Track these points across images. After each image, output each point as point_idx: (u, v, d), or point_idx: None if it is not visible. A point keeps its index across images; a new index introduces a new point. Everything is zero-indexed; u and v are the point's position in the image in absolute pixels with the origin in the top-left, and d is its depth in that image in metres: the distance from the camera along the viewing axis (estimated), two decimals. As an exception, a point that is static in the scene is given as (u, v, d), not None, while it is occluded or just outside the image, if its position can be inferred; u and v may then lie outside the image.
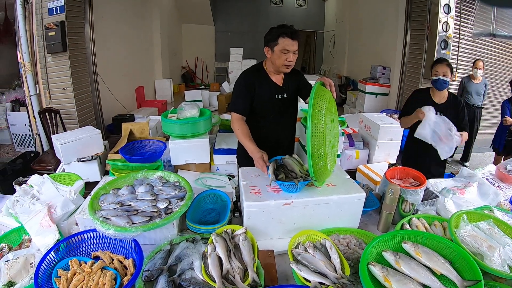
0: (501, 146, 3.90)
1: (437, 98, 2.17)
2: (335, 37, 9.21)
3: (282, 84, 1.84)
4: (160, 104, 6.24)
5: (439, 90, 2.13)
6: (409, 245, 1.07)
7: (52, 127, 3.57)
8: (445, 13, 4.19)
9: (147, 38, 6.83)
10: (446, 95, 2.17)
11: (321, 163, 1.28)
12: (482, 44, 5.05)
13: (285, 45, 1.65)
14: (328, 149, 1.31)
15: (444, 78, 2.07)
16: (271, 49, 1.70)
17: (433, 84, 2.14)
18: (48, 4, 3.48)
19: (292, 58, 1.69)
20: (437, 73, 2.09)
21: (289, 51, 1.66)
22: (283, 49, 1.65)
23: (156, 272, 1.08)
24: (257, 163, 1.48)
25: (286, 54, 1.67)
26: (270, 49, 1.71)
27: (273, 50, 1.68)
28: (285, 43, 1.65)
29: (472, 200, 1.59)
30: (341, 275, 1.00)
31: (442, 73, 2.08)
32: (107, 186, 1.41)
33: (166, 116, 2.64)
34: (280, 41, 1.65)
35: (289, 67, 1.73)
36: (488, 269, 1.01)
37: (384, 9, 5.86)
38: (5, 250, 1.19)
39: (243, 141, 1.67)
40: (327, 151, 1.29)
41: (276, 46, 1.67)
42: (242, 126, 1.72)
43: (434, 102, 2.14)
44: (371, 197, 1.58)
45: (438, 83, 2.10)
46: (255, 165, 1.50)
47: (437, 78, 2.09)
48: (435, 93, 2.17)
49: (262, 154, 1.49)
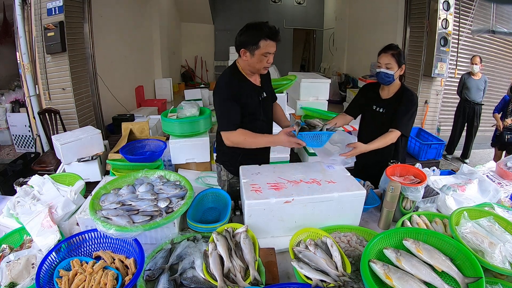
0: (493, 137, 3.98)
1: (384, 93, 1.87)
2: (334, 34, 9.20)
3: (260, 84, 1.72)
4: (160, 104, 6.23)
5: (383, 84, 1.83)
6: (410, 242, 1.07)
7: (52, 128, 3.57)
8: (444, 10, 4.18)
9: (146, 37, 6.82)
10: (395, 90, 1.84)
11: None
12: (481, 40, 5.04)
13: (267, 48, 1.50)
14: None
15: (386, 71, 1.74)
16: (250, 53, 1.52)
17: (376, 77, 1.83)
18: (47, 5, 3.47)
19: (271, 59, 1.57)
20: (379, 64, 1.76)
21: (270, 54, 1.53)
22: (265, 52, 1.51)
23: (157, 271, 1.08)
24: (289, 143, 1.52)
25: (267, 56, 1.53)
26: (249, 52, 1.52)
27: (253, 53, 1.51)
28: (267, 46, 1.50)
29: (472, 197, 1.59)
30: (342, 272, 1.01)
31: (385, 65, 1.74)
32: (107, 186, 1.41)
33: (166, 116, 2.65)
34: (262, 44, 1.49)
35: (268, 67, 1.61)
36: (489, 266, 1.01)
37: (383, 7, 5.85)
38: (6, 251, 1.19)
39: (260, 142, 1.60)
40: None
41: (257, 50, 1.50)
42: (246, 133, 1.58)
43: (380, 98, 1.88)
44: (372, 195, 1.59)
45: (379, 77, 1.79)
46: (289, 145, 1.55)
47: (378, 70, 1.77)
48: (383, 87, 1.87)
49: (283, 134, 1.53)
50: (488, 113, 4.90)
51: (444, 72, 4.35)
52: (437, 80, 4.49)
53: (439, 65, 4.28)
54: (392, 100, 1.82)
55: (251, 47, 1.50)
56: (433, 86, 4.51)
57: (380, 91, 1.89)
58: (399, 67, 1.75)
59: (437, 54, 4.25)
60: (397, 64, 1.73)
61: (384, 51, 1.76)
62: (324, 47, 10.41)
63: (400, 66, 1.75)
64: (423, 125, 4.56)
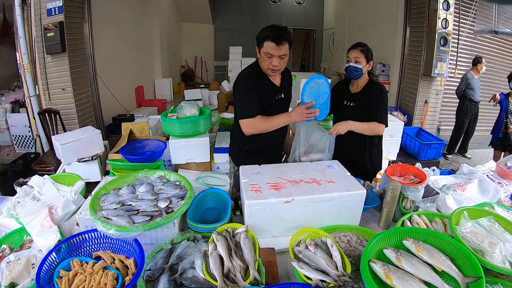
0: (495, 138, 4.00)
1: (353, 87, 1.96)
2: (334, 34, 9.20)
3: (279, 84, 1.79)
4: (159, 104, 6.23)
5: (352, 78, 1.91)
6: (410, 242, 1.07)
7: (52, 128, 3.57)
8: (444, 10, 4.18)
9: (146, 37, 6.82)
10: (363, 84, 1.92)
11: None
12: (481, 40, 5.04)
13: (268, 49, 1.56)
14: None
15: (355, 65, 1.83)
16: (259, 51, 1.63)
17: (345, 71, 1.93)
18: (47, 5, 3.47)
19: (278, 62, 1.60)
20: (349, 59, 1.86)
21: (273, 56, 1.58)
22: (267, 53, 1.57)
23: (157, 271, 1.08)
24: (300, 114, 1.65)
25: (271, 58, 1.59)
26: (259, 50, 1.64)
27: (260, 52, 1.62)
28: (269, 46, 1.56)
29: (472, 196, 1.59)
30: (342, 272, 1.01)
31: (354, 59, 1.84)
32: (107, 186, 1.41)
33: (166, 116, 2.64)
34: (265, 44, 1.57)
35: (275, 72, 1.66)
36: (489, 265, 1.01)
37: (383, 6, 5.85)
38: (6, 252, 1.19)
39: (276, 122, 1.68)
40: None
41: (262, 49, 1.59)
42: (261, 119, 1.66)
43: (349, 93, 1.97)
44: (372, 195, 1.58)
45: (348, 70, 1.88)
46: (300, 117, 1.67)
47: (348, 64, 1.87)
48: (353, 83, 1.96)
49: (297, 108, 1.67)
50: (487, 112, 4.93)
51: (444, 72, 4.35)
52: (437, 80, 4.50)
53: (439, 65, 4.29)
54: (361, 94, 1.92)
55: (260, 45, 1.61)
56: (433, 86, 4.52)
57: (350, 86, 1.99)
58: (367, 63, 1.85)
59: (437, 54, 4.25)
60: (365, 59, 1.84)
61: (354, 47, 1.87)
62: (324, 47, 10.40)
63: (368, 61, 1.85)
64: (423, 124, 4.56)
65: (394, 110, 4.70)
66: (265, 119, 1.67)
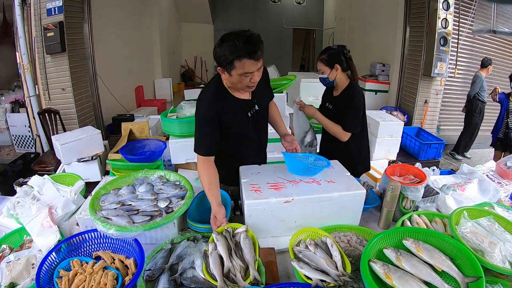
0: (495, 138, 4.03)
1: (335, 91, 1.97)
2: (334, 34, 9.18)
3: (250, 97, 1.50)
4: (159, 104, 6.23)
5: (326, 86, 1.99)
6: (410, 242, 1.07)
7: (52, 128, 3.57)
8: (444, 10, 4.18)
9: (146, 37, 6.81)
10: (343, 87, 1.91)
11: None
12: (481, 40, 5.04)
13: (246, 67, 1.25)
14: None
15: (322, 76, 1.87)
16: (228, 72, 1.29)
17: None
18: (47, 5, 3.46)
19: (258, 76, 1.32)
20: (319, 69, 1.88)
21: (251, 72, 1.28)
22: (243, 73, 1.26)
23: (157, 271, 1.08)
24: (212, 220, 1.29)
25: (249, 75, 1.29)
26: (226, 72, 1.30)
27: (230, 73, 1.28)
28: (246, 65, 1.24)
29: (472, 196, 1.59)
30: (342, 272, 1.01)
31: (319, 71, 1.87)
32: (107, 186, 1.41)
33: (165, 115, 2.64)
34: (236, 64, 1.23)
35: (254, 86, 1.37)
36: (489, 265, 1.01)
37: (383, 6, 5.84)
38: (6, 252, 1.19)
39: (206, 192, 1.37)
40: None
41: (233, 70, 1.26)
42: (209, 171, 1.40)
43: (332, 96, 1.99)
44: (372, 194, 1.59)
45: (321, 82, 1.95)
46: (210, 221, 1.29)
47: (319, 76, 1.91)
48: (336, 86, 1.96)
49: (220, 211, 1.30)
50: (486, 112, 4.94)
51: (444, 71, 4.36)
52: (437, 79, 4.50)
53: (438, 65, 4.29)
54: (340, 98, 1.93)
55: (229, 67, 1.26)
56: (433, 85, 4.52)
57: (333, 90, 2.00)
58: (332, 69, 1.84)
59: (436, 53, 4.25)
60: (328, 67, 1.83)
61: (318, 58, 1.88)
62: (324, 47, 10.33)
63: (332, 67, 1.83)
64: (423, 124, 4.56)
65: (394, 110, 4.70)
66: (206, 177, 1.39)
